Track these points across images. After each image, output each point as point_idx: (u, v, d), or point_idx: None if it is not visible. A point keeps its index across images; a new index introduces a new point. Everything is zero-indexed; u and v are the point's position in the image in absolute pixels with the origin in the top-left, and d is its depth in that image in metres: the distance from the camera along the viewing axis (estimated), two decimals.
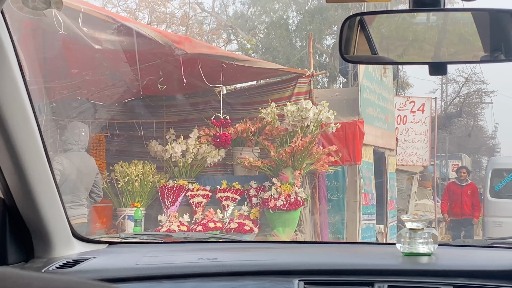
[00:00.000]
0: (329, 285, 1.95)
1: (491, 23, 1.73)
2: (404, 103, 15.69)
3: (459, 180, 14.10)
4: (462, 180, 13.95)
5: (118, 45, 7.35)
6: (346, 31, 1.72)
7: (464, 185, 13.83)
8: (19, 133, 1.85)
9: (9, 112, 1.79)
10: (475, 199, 13.92)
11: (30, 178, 1.95)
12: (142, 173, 8.61)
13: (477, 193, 14.18)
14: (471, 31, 1.77)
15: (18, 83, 1.81)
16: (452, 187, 14.22)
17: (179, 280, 2.04)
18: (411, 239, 2.09)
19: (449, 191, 14.18)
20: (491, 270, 1.93)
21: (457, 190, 13.86)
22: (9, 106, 1.79)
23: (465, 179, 13.97)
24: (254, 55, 22.48)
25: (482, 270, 1.94)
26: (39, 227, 2.10)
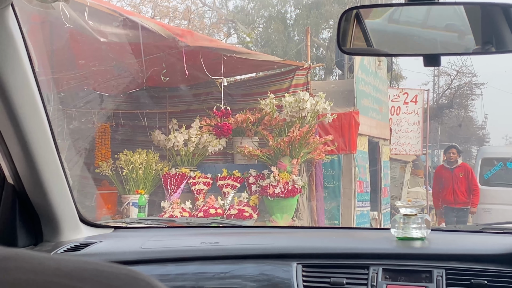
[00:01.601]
0: (326, 268, 1.95)
1: (483, 16, 1.72)
2: (398, 95, 15.66)
3: (448, 162, 11.72)
4: (452, 162, 11.57)
5: (123, 38, 7.33)
6: (343, 24, 1.72)
7: (454, 168, 11.46)
8: (29, 122, 1.85)
9: (19, 102, 1.79)
10: (470, 182, 11.54)
11: (39, 165, 1.95)
12: (146, 161, 8.60)
13: (472, 175, 11.72)
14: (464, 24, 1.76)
15: (28, 74, 1.80)
16: (441, 172, 11.87)
17: (183, 263, 2.04)
18: (405, 224, 2.09)
19: (439, 177, 11.90)
20: (482, 254, 1.93)
21: (446, 174, 11.54)
22: (19, 96, 1.78)
23: (455, 160, 11.58)
24: (253, 48, 22.43)
25: (473, 254, 1.94)
26: (48, 212, 2.10)
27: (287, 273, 1.93)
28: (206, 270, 2.01)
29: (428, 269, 1.88)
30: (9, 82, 1.74)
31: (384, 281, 1.88)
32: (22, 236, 2.07)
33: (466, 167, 11.84)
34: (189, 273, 2.00)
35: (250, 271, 1.97)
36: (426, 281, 1.86)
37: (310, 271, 1.94)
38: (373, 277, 1.89)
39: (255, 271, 1.96)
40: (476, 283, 1.81)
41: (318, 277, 1.93)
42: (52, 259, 0.56)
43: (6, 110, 1.77)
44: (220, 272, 1.99)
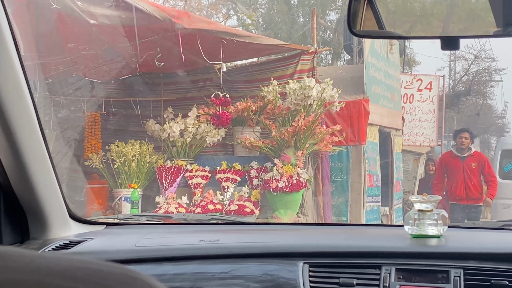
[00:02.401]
0: (334, 268, 1.96)
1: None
2: (411, 81, 15.65)
3: (458, 149, 10.28)
4: (463, 150, 10.13)
5: (114, 20, 7.32)
6: (353, 4, 1.71)
7: (466, 156, 10.10)
8: (14, 110, 1.84)
9: (4, 89, 1.79)
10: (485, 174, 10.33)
11: (25, 156, 1.95)
12: (139, 153, 8.61)
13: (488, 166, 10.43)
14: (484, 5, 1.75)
15: (13, 58, 1.80)
16: (449, 160, 10.44)
17: (180, 262, 2.05)
18: (419, 221, 2.09)
19: (444, 166, 10.53)
20: (503, 253, 1.93)
21: (456, 164, 10.13)
22: (4, 82, 1.78)
23: (468, 147, 10.17)
24: (255, 31, 22.39)
25: (493, 253, 1.94)
26: (35, 207, 2.10)
27: (292, 273, 1.94)
28: (205, 270, 2.01)
29: (445, 269, 1.88)
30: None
31: (397, 281, 1.88)
32: (7, 234, 2.07)
33: (481, 157, 10.56)
34: (187, 273, 2.00)
35: (253, 271, 1.97)
36: (443, 281, 1.86)
37: (318, 271, 1.95)
38: (386, 277, 1.89)
39: (258, 271, 1.97)
40: (497, 284, 1.82)
41: (326, 277, 1.93)
42: (43, 258, 0.56)
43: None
44: (220, 272, 2.00)
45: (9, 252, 0.55)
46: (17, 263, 0.54)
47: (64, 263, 0.56)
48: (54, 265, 0.55)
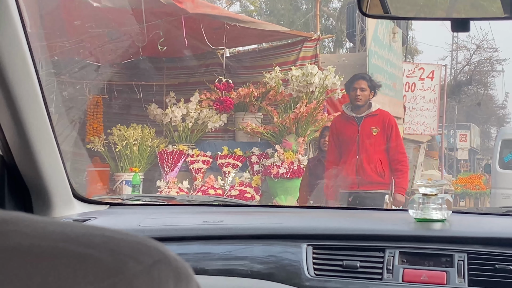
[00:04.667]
0: (338, 250, 1.95)
1: None
2: (413, 70, 15.62)
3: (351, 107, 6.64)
4: (359, 107, 6.54)
5: (117, 3, 7.31)
6: None
7: (363, 117, 6.52)
8: (20, 87, 1.83)
9: (10, 65, 1.77)
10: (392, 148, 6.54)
11: (30, 134, 1.94)
12: (141, 137, 8.62)
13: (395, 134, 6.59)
14: None
15: (20, 35, 1.79)
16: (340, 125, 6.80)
17: (184, 242, 2.05)
18: (424, 205, 2.08)
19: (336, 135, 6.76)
20: (507, 238, 1.93)
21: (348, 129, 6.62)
22: (10, 59, 1.77)
23: (366, 103, 6.57)
24: (258, 17, 22.34)
25: (497, 238, 1.94)
26: (39, 185, 2.10)
27: (296, 255, 1.93)
28: (209, 250, 2.01)
29: (449, 253, 1.88)
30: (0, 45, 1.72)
31: (401, 265, 1.88)
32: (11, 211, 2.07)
33: (387, 119, 6.65)
34: (191, 253, 2.00)
35: (256, 252, 1.97)
36: (447, 265, 1.86)
37: (321, 253, 1.94)
38: (389, 260, 1.89)
39: (262, 252, 1.97)
40: (501, 268, 1.81)
41: (330, 260, 1.93)
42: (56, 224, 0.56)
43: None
44: (224, 252, 2.00)
45: (21, 218, 0.55)
46: (30, 228, 0.53)
47: (78, 229, 0.55)
48: (68, 231, 0.54)
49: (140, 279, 0.52)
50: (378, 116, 6.65)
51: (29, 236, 0.52)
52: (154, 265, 0.55)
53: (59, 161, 2.12)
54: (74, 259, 0.51)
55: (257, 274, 1.91)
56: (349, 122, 6.66)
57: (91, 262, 0.51)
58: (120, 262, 0.53)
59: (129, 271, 0.52)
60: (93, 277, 0.50)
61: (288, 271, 1.90)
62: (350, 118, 6.66)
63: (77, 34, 8.05)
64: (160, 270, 0.55)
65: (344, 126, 6.73)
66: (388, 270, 1.87)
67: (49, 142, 2.05)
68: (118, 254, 0.53)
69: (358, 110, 6.61)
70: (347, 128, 6.67)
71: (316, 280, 1.87)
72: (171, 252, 0.58)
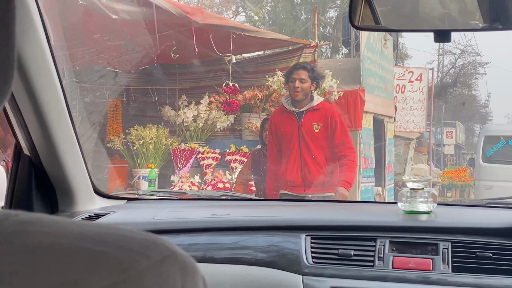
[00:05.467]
0: (334, 240, 1.95)
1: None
2: (403, 73, 15.59)
3: (291, 102, 5.47)
4: (298, 102, 5.39)
5: (134, 16, 7.31)
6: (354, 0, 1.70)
7: (303, 112, 5.39)
8: (45, 95, 1.84)
9: (36, 74, 1.78)
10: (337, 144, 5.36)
11: (55, 136, 1.95)
12: (156, 137, 8.62)
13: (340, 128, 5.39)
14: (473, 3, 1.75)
15: (44, 47, 1.80)
16: (279, 120, 5.59)
17: (194, 233, 2.05)
18: (411, 198, 2.09)
19: (274, 132, 5.58)
20: (487, 228, 1.93)
21: (288, 124, 5.48)
22: (36, 69, 1.78)
23: (307, 96, 5.39)
24: (261, 26, 22.30)
25: (478, 228, 1.94)
26: (63, 183, 2.10)
27: (296, 244, 1.94)
28: (216, 240, 2.01)
29: (434, 242, 1.88)
30: (26, 54, 1.73)
31: (391, 253, 1.88)
32: (38, 207, 2.08)
33: (330, 112, 5.42)
34: (200, 244, 2.00)
35: (260, 242, 1.97)
36: (432, 253, 1.86)
37: (319, 243, 1.95)
38: (380, 249, 1.89)
39: (264, 242, 1.97)
40: (481, 256, 1.81)
41: (326, 249, 1.93)
42: (75, 224, 0.56)
43: (23, 83, 1.77)
44: (230, 242, 2.00)
45: (44, 219, 0.55)
46: (52, 229, 0.54)
47: (94, 229, 0.56)
48: (85, 231, 0.55)
49: (149, 274, 0.53)
50: (320, 110, 5.44)
51: (50, 235, 0.52)
52: (163, 260, 0.55)
53: (81, 161, 2.13)
54: (90, 255, 0.52)
55: (261, 262, 1.92)
56: (288, 117, 5.49)
57: (105, 258, 0.52)
58: (131, 258, 0.53)
59: (140, 266, 0.53)
60: (107, 272, 0.51)
61: (288, 259, 1.90)
62: (289, 112, 5.47)
63: (97, 45, 8.06)
64: (168, 265, 0.55)
65: (283, 121, 5.56)
66: (379, 258, 1.87)
67: (72, 144, 2.06)
68: (130, 251, 0.54)
69: (298, 104, 5.43)
70: (286, 124, 5.52)
71: (314, 267, 1.87)
72: (178, 248, 0.58)
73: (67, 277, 0.49)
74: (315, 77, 5.47)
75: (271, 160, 5.69)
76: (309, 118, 5.39)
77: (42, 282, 0.49)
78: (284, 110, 5.54)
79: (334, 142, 5.38)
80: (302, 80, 5.36)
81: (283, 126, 5.52)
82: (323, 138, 5.40)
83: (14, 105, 1.85)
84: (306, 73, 5.40)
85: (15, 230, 0.52)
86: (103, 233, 0.55)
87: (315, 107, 5.42)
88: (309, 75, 5.40)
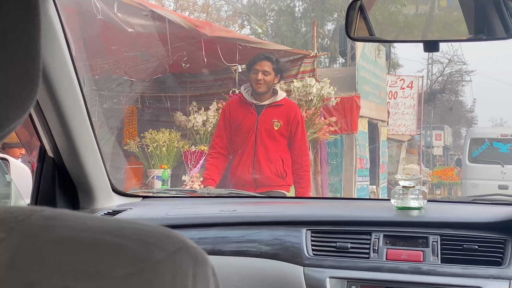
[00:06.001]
0: (332, 234, 1.95)
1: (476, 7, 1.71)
2: (395, 81, 15.57)
3: (252, 93, 4.75)
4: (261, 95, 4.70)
5: (148, 29, 7.32)
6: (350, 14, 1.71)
7: (264, 106, 4.69)
8: (67, 102, 1.85)
9: (59, 83, 1.79)
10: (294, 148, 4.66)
11: (76, 140, 1.95)
12: (169, 140, 8.62)
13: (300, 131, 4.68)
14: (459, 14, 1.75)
15: (66, 58, 1.80)
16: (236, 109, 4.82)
17: (204, 228, 2.05)
18: (403, 195, 2.08)
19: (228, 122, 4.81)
20: (473, 222, 1.93)
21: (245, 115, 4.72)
22: (59, 78, 1.78)
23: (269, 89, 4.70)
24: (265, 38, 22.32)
25: (465, 222, 1.93)
26: (84, 182, 2.11)
27: (297, 238, 1.94)
28: (224, 235, 2.02)
29: (425, 235, 1.88)
30: (50, 65, 1.74)
31: (384, 246, 1.88)
32: (61, 204, 2.08)
33: (292, 110, 4.76)
34: (210, 238, 2.00)
35: (264, 236, 1.97)
36: (423, 246, 1.86)
37: (318, 237, 1.95)
38: (375, 242, 1.89)
39: (269, 236, 1.97)
40: (468, 248, 1.81)
41: (325, 242, 1.93)
42: (95, 219, 0.56)
43: (47, 91, 1.77)
44: (237, 236, 2.00)
45: (67, 214, 0.56)
46: (74, 223, 0.54)
47: (113, 223, 0.56)
48: (105, 225, 0.55)
49: (164, 264, 0.53)
50: (283, 107, 4.68)
51: (73, 229, 0.53)
52: (176, 252, 0.55)
53: (100, 162, 2.13)
54: (109, 248, 0.52)
55: (265, 254, 1.92)
56: (246, 108, 4.69)
57: (123, 250, 0.52)
58: (147, 250, 0.53)
59: (155, 257, 0.53)
60: (125, 262, 0.51)
61: (290, 251, 1.90)
62: (248, 104, 4.70)
63: (114, 56, 8.08)
64: (181, 256, 0.55)
65: (241, 112, 4.73)
66: (374, 250, 1.87)
67: (92, 146, 2.06)
68: (146, 243, 0.54)
69: (259, 96, 4.68)
70: (243, 116, 4.69)
71: (314, 259, 1.87)
72: (190, 240, 0.59)
73: (89, 267, 0.50)
74: (279, 69, 4.77)
75: (216, 149, 4.84)
76: (269, 114, 4.64)
77: (66, 272, 0.49)
78: (243, 100, 4.79)
79: (292, 145, 4.68)
80: (266, 72, 4.65)
81: (240, 117, 4.73)
82: (281, 137, 4.65)
83: (39, 111, 1.86)
84: (270, 64, 4.69)
85: (41, 224, 0.52)
86: (121, 227, 0.56)
87: (278, 103, 4.69)
88: (273, 67, 4.70)
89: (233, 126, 4.75)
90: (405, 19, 2.16)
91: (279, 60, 4.93)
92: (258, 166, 4.62)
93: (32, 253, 0.49)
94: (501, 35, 1.61)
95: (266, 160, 4.62)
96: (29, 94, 0.55)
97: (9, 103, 0.53)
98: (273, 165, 4.61)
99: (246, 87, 4.84)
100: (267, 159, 4.62)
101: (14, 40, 0.52)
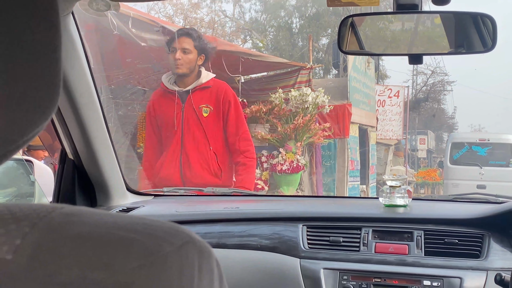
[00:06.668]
0: (326, 229, 1.96)
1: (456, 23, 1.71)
2: (383, 90, 15.58)
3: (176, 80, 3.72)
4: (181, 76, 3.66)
5: (159, 43, 7.32)
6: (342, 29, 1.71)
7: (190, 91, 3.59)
8: (85, 109, 1.85)
9: (79, 92, 1.79)
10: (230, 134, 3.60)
11: (94, 143, 1.96)
12: None
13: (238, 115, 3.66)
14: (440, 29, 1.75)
15: (85, 69, 1.81)
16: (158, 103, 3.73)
17: (209, 224, 2.05)
18: (390, 194, 2.08)
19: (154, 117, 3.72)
20: (454, 219, 1.93)
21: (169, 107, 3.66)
22: (79, 87, 1.79)
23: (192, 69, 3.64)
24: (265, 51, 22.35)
25: (446, 218, 1.93)
26: (101, 182, 2.11)
27: (294, 233, 1.94)
28: (228, 229, 2.01)
29: (410, 231, 1.88)
30: (70, 75, 1.74)
31: (373, 240, 1.88)
32: (80, 202, 2.08)
33: (221, 90, 3.70)
34: (215, 232, 2.00)
35: (264, 231, 1.97)
36: (408, 240, 1.86)
37: (313, 231, 1.95)
38: (365, 236, 1.89)
39: (268, 231, 1.97)
40: (449, 242, 1.81)
41: (320, 236, 1.93)
42: (110, 215, 0.56)
43: (68, 99, 1.78)
44: (240, 231, 2.00)
45: (85, 211, 0.55)
46: (90, 219, 0.54)
47: (125, 219, 0.56)
48: (118, 221, 0.55)
49: (172, 257, 0.53)
50: (211, 89, 3.65)
51: (89, 225, 0.53)
52: (183, 245, 0.55)
53: (115, 163, 2.13)
54: (122, 242, 0.52)
55: (265, 247, 1.92)
56: (169, 98, 3.69)
57: (135, 244, 0.52)
58: (156, 244, 0.53)
59: (164, 251, 0.53)
60: (136, 256, 0.51)
61: (288, 245, 1.90)
62: (170, 93, 3.68)
63: (128, 68, 8.09)
64: (187, 249, 0.55)
65: (164, 104, 3.74)
66: (364, 244, 1.87)
67: (108, 149, 2.06)
68: (155, 238, 0.54)
69: (181, 81, 3.67)
70: (167, 107, 3.70)
71: (309, 252, 1.87)
72: (196, 235, 0.58)
73: (103, 260, 0.50)
74: (202, 47, 3.65)
75: (149, 153, 3.86)
76: (196, 99, 3.60)
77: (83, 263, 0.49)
78: (165, 90, 3.76)
79: (227, 130, 3.64)
80: (185, 50, 3.60)
81: (164, 110, 3.71)
82: (214, 125, 3.62)
83: (60, 117, 1.86)
84: (191, 41, 3.62)
85: (61, 220, 0.52)
86: (133, 222, 0.55)
87: (204, 85, 3.65)
88: (195, 44, 3.62)
89: (159, 122, 3.75)
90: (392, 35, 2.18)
91: (201, 37, 3.78)
92: (187, 163, 3.61)
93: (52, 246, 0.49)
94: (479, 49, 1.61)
95: (196, 154, 3.61)
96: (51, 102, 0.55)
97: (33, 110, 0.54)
98: (204, 161, 3.60)
99: (167, 75, 3.82)
100: (197, 153, 3.60)
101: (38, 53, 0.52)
